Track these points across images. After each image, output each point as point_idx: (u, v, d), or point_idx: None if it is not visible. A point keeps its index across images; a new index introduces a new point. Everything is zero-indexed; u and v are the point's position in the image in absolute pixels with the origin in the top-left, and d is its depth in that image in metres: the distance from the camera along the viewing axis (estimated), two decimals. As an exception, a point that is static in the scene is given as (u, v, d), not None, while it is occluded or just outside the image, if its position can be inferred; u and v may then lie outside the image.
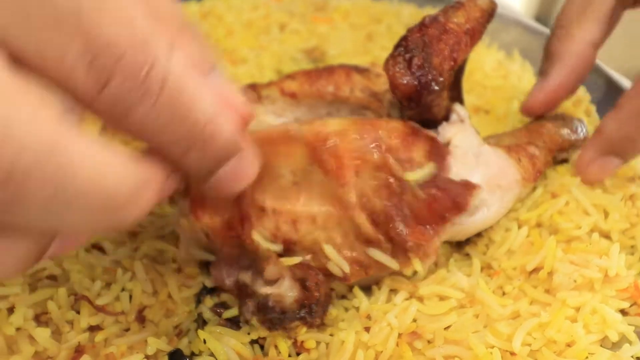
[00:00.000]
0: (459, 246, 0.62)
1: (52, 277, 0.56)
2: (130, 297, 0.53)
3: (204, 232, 0.52)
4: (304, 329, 0.49)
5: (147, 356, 0.48)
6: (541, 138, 0.64)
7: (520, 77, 0.87)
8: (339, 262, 0.49)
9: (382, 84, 0.74)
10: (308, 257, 0.49)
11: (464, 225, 0.55)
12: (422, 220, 0.50)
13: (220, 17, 1.03)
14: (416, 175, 0.51)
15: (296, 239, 0.49)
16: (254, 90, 0.75)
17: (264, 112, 0.75)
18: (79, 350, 0.48)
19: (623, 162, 0.62)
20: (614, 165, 0.62)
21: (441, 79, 0.57)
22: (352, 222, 0.49)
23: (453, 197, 0.51)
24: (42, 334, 0.47)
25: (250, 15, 1.03)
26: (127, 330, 0.51)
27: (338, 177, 0.48)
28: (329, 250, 0.49)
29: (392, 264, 0.50)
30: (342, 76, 0.74)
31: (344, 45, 0.97)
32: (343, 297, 0.55)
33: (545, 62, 0.70)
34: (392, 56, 0.59)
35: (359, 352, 0.47)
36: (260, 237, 0.48)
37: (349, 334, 0.48)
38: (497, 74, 0.86)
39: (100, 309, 0.51)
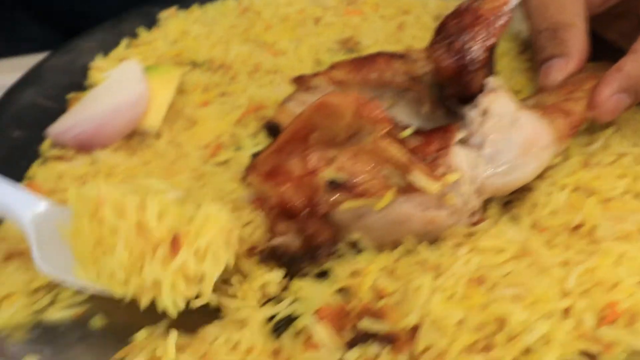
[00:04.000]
0: (506, 209, 0.69)
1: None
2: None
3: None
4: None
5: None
6: (581, 87, 0.71)
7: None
8: (398, 177, 0.58)
9: (420, 68, 0.82)
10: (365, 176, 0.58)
11: (502, 183, 0.63)
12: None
13: (258, 12, 1.10)
14: (407, 132, 0.63)
15: (358, 170, 0.58)
16: (303, 81, 0.82)
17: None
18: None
19: (632, 102, 0.69)
20: (625, 103, 0.68)
21: (478, 59, 0.65)
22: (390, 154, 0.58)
23: (441, 131, 0.63)
24: None
25: (286, 10, 1.10)
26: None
27: (382, 120, 0.58)
28: (387, 169, 0.58)
29: (426, 185, 0.57)
30: (383, 63, 0.82)
31: (376, 35, 1.04)
32: (408, 252, 0.62)
33: (552, 46, 0.76)
34: (434, 42, 0.67)
35: (435, 293, 0.54)
36: (328, 172, 0.58)
37: (424, 280, 0.55)
38: (525, 57, 0.94)
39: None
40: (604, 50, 0.82)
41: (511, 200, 0.70)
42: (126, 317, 0.58)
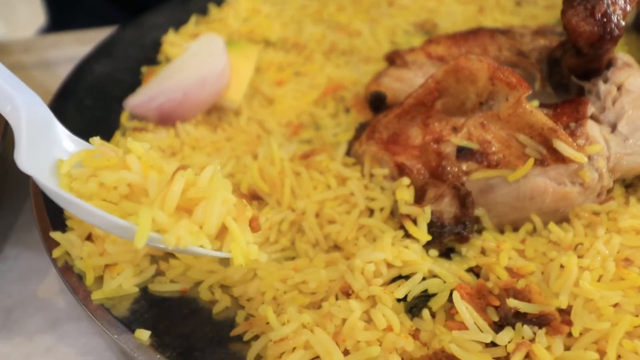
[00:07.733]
0: (629, 192, 0.64)
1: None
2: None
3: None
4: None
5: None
6: None
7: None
8: (535, 147, 0.53)
9: (527, 43, 0.77)
10: (498, 145, 0.54)
11: (636, 163, 0.59)
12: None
13: (330, -7, 1.06)
14: (535, 103, 0.59)
15: (489, 138, 0.54)
16: (399, 57, 0.78)
17: (413, 76, 0.78)
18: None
19: None
20: None
21: (620, 25, 0.60)
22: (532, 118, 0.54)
23: (573, 103, 0.59)
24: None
25: (359, -8, 1.06)
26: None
27: (519, 85, 0.54)
28: (522, 138, 0.54)
29: (574, 154, 0.53)
30: (487, 38, 0.77)
31: (454, 18, 1.00)
32: (532, 232, 0.57)
33: None
34: (572, 6, 0.62)
35: (584, 273, 0.49)
36: (457, 140, 0.54)
37: (570, 258, 0.50)
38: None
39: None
40: None
41: (632, 183, 0.65)
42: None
